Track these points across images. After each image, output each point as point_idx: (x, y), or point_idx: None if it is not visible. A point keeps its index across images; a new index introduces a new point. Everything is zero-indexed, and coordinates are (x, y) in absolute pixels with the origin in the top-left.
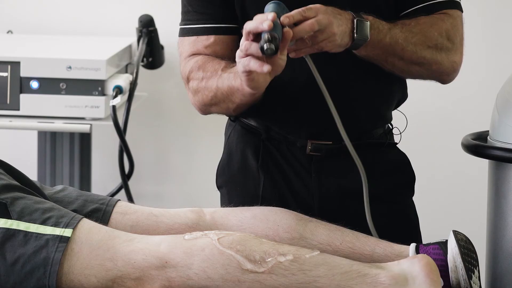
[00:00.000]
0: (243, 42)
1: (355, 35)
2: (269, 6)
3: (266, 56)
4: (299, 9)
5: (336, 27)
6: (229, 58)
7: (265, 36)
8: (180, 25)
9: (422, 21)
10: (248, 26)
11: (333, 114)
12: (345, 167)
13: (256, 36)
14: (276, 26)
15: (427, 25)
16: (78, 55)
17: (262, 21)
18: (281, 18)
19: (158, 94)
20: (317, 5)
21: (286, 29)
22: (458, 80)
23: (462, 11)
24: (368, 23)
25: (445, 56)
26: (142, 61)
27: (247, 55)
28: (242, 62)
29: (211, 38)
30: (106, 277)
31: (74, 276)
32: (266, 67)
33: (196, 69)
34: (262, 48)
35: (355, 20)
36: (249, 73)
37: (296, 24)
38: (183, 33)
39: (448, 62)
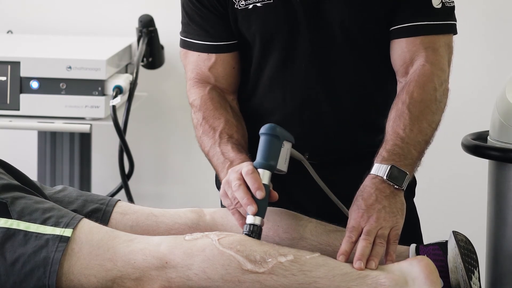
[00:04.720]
0: (233, 193)
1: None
2: (264, 158)
3: None
4: (346, 237)
5: (383, 221)
6: (232, 76)
7: (248, 227)
8: (181, 35)
9: (421, 102)
10: (237, 193)
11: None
12: (342, 174)
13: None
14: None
15: (427, 101)
16: (78, 55)
17: (247, 203)
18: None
19: (158, 94)
20: (357, 220)
21: (273, 193)
22: (458, 81)
23: (455, 33)
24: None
25: (445, 96)
26: (142, 61)
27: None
28: (226, 201)
29: (212, 58)
30: (106, 277)
31: (74, 276)
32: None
33: (197, 107)
34: (244, 233)
35: (404, 197)
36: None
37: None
38: (185, 45)
39: (445, 94)
